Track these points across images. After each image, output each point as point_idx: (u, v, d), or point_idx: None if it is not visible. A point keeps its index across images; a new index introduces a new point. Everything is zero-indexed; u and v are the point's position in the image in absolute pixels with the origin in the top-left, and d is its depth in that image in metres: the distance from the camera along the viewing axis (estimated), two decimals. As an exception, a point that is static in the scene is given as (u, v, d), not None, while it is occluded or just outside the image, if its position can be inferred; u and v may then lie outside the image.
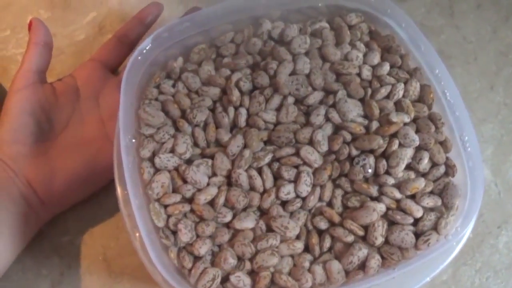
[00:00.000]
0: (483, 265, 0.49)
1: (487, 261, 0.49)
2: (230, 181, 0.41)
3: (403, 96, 0.44)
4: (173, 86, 0.45)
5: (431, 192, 0.41)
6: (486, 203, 0.51)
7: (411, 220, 0.40)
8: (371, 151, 0.41)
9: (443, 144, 0.42)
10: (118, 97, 0.40)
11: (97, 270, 0.47)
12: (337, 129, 0.43)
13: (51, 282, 0.47)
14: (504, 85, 0.57)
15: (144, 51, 0.44)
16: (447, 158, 0.42)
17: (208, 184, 0.40)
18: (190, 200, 0.40)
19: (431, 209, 0.40)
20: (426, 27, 0.59)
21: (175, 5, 0.59)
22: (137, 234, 0.38)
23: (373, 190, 0.40)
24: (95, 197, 0.49)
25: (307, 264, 0.39)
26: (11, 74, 0.54)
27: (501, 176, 0.52)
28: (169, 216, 0.40)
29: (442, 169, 0.42)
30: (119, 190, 0.39)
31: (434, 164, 0.42)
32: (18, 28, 0.57)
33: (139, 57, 0.43)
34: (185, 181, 0.40)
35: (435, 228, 0.39)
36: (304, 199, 0.40)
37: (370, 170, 0.41)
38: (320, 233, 0.40)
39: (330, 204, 0.41)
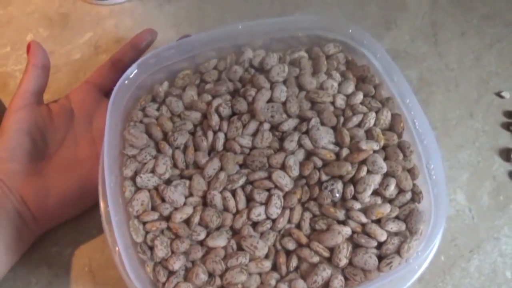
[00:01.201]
0: (454, 288, 0.50)
1: (458, 284, 0.50)
2: (205, 202, 0.43)
3: (374, 124, 0.46)
4: (158, 109, 0.48)
5: (396, 217, 0.43)
6: (459, 228, 0.52)
7: (375, 244, 0.42)
8: (340, 177, 0.44)
9: (411, 171, 0.44)
10: None
11: (83, 280, 0.50)
12: (309, 155, 0.45)
13: (40, 290, 0.49)
14: (484, 112, 0.58)
15: (131, 75, 0.47)
16: (414, 185, 0.44)
17: (184, 204, 0.43)
18: (167, 218, 0.43)
19: (395, 234, 0.42)
20: (409, 55, 0.61)
21: (168, 28, 0.62)
22: (117, 248, 0.40)
23: (340, 214, 0.42)
24: (84, 211, 0.51)
25: (273, 282, 0.41)
26: (10, 89, 0.57)
27: (476, 201, 0.54)
28: (147, 233, 0.42)
29: (408, 195, 0.44)
30: (102, 206, 0.42)
31: (401, 191, 0.44)
32: (18, 44, 0.60)
33: (126, 82, 0.46)
34: (163, 200, 0.43)
35: (398, 251, 0.41)
36: (274, 220, 0.43)
37: (337, 195, 0.43)
38: (288, 253, 0.42)
39: (298, 226, 0.43)
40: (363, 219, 0.42)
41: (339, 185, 0.43)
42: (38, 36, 0.63)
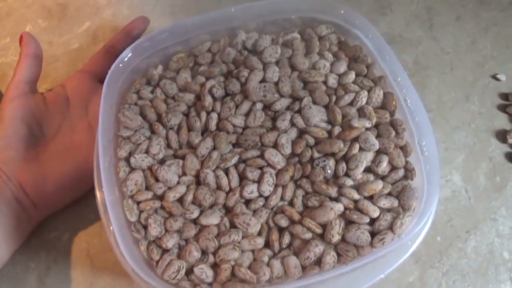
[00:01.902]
0: (451, 268, 0.50)
1: (455, 264, 0.50)
2: (198, 181, 0.44)
3: (366, 103, 0.46)
4: (152, 92, 0.48)
5: (389, 194, 0.43)
6: (455, 209, 0.52)
7: (367, 220, 0.42)
8: (332, 154, 0.44)
9: (403, 148, 0.44)
10: None
11: (81, 264, 0.50)
12: (301, 133, 0.45)
13: (38, 275, 0.50)
14: (480, 94, 0.58)
15: (126, 59, 0.47)
16: (406, 162, 0.44)
17: (178, 183, 0.43)
18: (161, 197, 0.43)
19: (388, 210, 0.42)
20: (404, 39, 0.62)
21: (165, 17, 0.63)
22: (111, 228, 0.41)
23: (332, 191, 0.42)
24: (82, 196, 0.52)
25: (266, 259, 0.41)
26: (9, 80, 0.58)
27: (472, 182, 0.54)
28: (141, 212, 0.42)
29: (401, 172, 0.44)
30: (96, 187, 0.42)
31: (393, 168, 0.44)
32: (18, 36, 0.60)
33: (120, 65, 0.47)
34: (157, 180, 0.43)
35: (391, 227, 0.41)
36: (266, 198, 0.43)
37: (329, 171, 0.43)
38: (281, 230, 0.43)
39: (291, 203, 0.43)
40: (356, 196, 0.42)
41: (331, 162, 0.43)
42: (37, 27, 0.64)
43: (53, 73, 0.59)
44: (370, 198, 0.43)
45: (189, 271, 0.41)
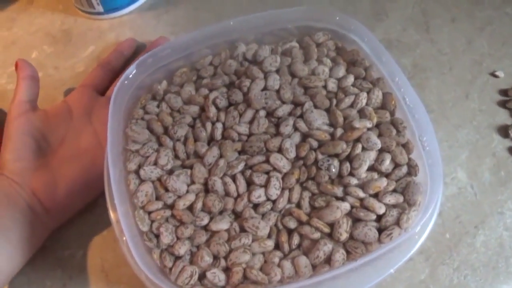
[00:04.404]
0: (461, 264, 0.50)
1: (465, 259, 0.50)
2: (207, 188, 0.45)
3: (366, 104, 0.47)
4: (157, 106, 0.49)
5: (394, 191, 0.44)
6: (462, 205, 0.53)
7: (374, 217, 0.42)
8: (336, 155, 0.45)
9: (405, 146, 0.45)
10: (107, 112, 0.45)
11: (96, 280, 0.51)
12: (305, 137, 0.46)
13: (55, 293, 0.51)
14: (479, 92, 0.59)
15: (130, 76, 0.49)
16: (409, 159, 0.45)
17: (187, 192, 0.44)
18: (171, 206, 0.44)
19: (394, 206, 0.43)
20: (402, 44, 0.63)
21: (167, 36, 0.64)
22: (124, 238, 0.42)
23: (338, 191, 0.43)
24: (93, 213, 0.53)
25: (276, 260, 0.42)
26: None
27: (477, 178, 0.54)
28: (152, 221, 0.44)
29: (404, 169, 0.45)
30: (108, 200, 0.43)
31: (396, 165, 0.45)
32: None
33: (126, 82, 0.48)
34: (166, 190, 0.44)
35: (398, 223, 0.42)
36: (274, 201, 0.44)
37: (334, 170, 0.44)
38: (289, 231, 0.43)
39: (298, 205, 0.44)
40: (361, 194, 0.43)
41: (335, 162, 0.44)
42: (43, 53, 0.66)
43: (61, 97, 0.61)
44: (376, 195, 0.44)
45: (202, 276, 0.42)
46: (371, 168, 0.45)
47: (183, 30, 0.66)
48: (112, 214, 0.43)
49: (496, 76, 0.60)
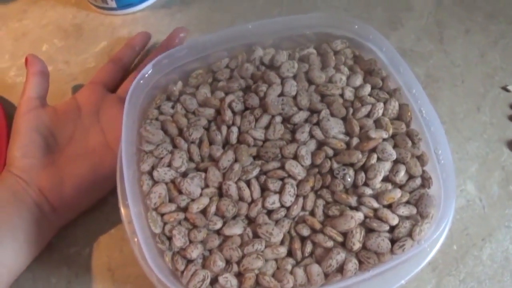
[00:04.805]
0: (467, 276, 0.51)
1: (471, 272, 0.51)
2: (221, 192, 0.45)
3: (383, 114, 0.47)
4: (172, 107, 0.49)
5: (407, 202, 0.44)
6: (470, 217, 0.53)
7: (387, 228, 0.43)
8: (351, 165, 0.45)
9: (420, 158, 0.46)
10: (116, 112, 0.45)
11: (102, 279, 0.51)
12: (320, 145, 0.46)
13: (60, 290, 0.51)
14: (491, 105, 0.59)
15: (146, 75, 0.49)
16: (423, 171, 0.45)
17: (200, 195, 0.44)
18: (185, 209, 0.44)
19: (407, 218, 0.43)
20: (415, 53, 0.63)
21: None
22: (136, 240, 0.41)
23: (352, 200, 0.43)
24: (101, 211, 0.53)
25: (289, 267, 0.42)
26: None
27: (486, 192, 0.54)
28: (165, 224, 0.43)
29: (418, 181, 0.45)
30: (120, 200, 0.43)
31: (410, 177, 0.45)
32: (34, 56, 0.62)
33: (141, 81, 0.48)
34: (180, 192, 0.44)
35: (410, 235, 0.42)
36: (288, 208, 0.44)
37: (349, 179, 0.44)
38: (303, 239, 0.44)
39: (312, 213, 0.44)
40: (375, 204, 0.43)
41: (350, 171, 0.44)
42: (53, 46, 0.65)
43: (70, 92, 0.61)
44: (389, 206, 0.44)
45: (214, 281, 0.41)
46: (386, 179, 0.45)
47: (196, 30, 0.66)
48: (124, 215, 0.43)
49: (508, 91, 0.60)
